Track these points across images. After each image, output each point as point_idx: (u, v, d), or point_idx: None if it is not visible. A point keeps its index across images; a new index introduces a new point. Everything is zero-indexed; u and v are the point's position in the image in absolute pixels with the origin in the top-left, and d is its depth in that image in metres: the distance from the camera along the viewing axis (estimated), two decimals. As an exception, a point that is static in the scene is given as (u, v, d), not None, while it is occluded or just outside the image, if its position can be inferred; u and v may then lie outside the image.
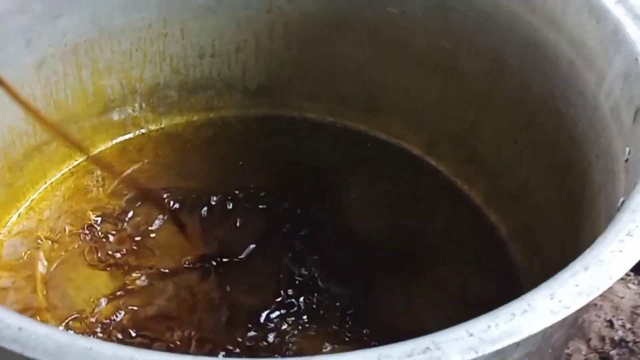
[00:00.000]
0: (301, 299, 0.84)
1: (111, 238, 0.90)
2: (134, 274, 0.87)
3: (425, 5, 0.91)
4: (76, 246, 0.89)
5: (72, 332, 0.44)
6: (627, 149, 0.64)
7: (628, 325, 0.97)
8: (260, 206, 0.94)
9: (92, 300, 0.83)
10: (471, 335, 0.43)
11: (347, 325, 0.82)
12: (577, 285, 0.46)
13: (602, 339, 0.97)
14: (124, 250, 0.89)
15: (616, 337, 0.96)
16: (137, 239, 0.90)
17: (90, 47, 0.92)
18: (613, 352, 0.94)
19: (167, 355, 0.42)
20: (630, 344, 0.94)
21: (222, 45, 0.99)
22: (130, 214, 0.93)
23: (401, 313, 0.84)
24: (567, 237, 0.78)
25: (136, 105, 1.00)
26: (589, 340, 0.95)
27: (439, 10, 0.90)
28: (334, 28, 0.97)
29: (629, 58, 0.67)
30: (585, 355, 0.94)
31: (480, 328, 0.44)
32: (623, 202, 0.57)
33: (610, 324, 0.97)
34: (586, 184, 0.74)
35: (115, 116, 0.99)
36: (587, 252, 0.49)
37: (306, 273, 0.87)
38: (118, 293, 0.85)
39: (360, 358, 0.42)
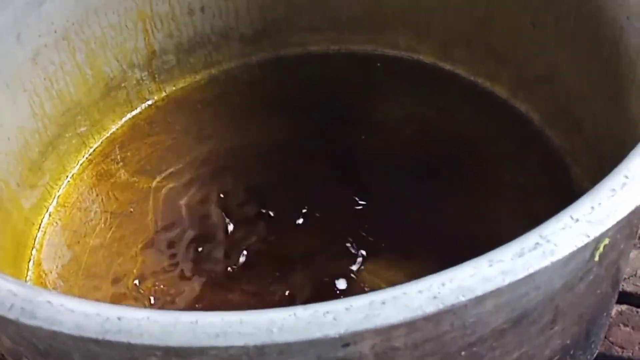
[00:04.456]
0: (363, 231, 0.83)
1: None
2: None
3: None
4: (113, 231, 0.88)
5: (170, 310, 0.43)
6: (666, 1, 0.61)
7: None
8: (293, 149, 0.92)
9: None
10: (577, 220, 0.41)
11: (416, 246, 0.81)
12: (670, 146, 0.44)
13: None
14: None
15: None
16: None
17: (79, 29, 0.88)
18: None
19: (275, 312, 0.41)
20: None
21: (210, -3, 0.96)
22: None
23: (462, 223, 0.82)
24: (610, 108, 0.76)
25: (137, 77, 0.97)
26: None
27: None
28: (320, -47, 0.94)
29: None
30: None
31: (583, 211, 0.42)
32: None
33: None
34: (621, 49, 0.72)
35: (119, 94, 0.96)
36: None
37: (362, 203, 0.85)
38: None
39: (471, 267, 0.41)
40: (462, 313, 0.44)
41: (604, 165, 0.78)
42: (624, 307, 0.75)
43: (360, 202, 0.87)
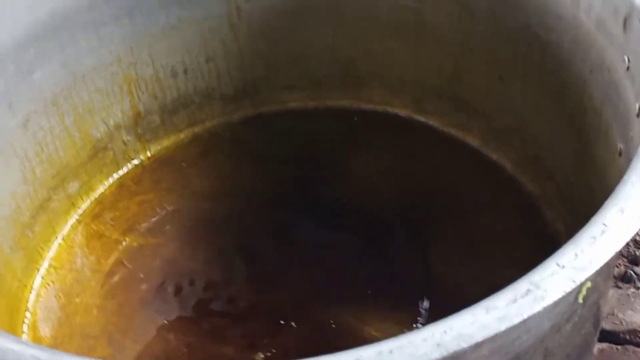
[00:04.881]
0: (349, 282, 0.86)
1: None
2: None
3: (382, -29, 0.93)
4: (106, 291, 0.90)
5: None
6: (626, 57, 0.66)
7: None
8: (277, 203, 0.95)
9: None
10: (563, 267, 0.45)
11: (401, 294, 0.84)
12: (642, 195, 0.48)
13: (623, 242, 1.00)
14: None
15: (638, 238, 0.99)
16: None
17: (68, 94, 0.91)
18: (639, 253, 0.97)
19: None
20: (653, 241, 0.98)
21: (192, 60, 0.99)
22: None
23: (443, 270, 0.86)
24: (578, 155, 0.81)
25: (123, 138, 1.00)
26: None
27: (396, -27, 0.92)
28: (296, 16, 0.98)
29: (602, -28, 0.70)
30: (612, 261, 0.98)
31: (568, 258, 0.46)
32: (640, 108, 0.60)
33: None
34: (585, 100, 0.77)
35: (106, 155, 0.99)
36: (635, 163, 0.51)
37: (346, 255, 0.88)
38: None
39: (469, 315, 0.44)
40: (461, 359, 0.47)
41: (576, 208, 0.83)
42: (604, 345, 0.79)
43: (344, 254, 0.91)
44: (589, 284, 0.52)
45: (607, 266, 0.54)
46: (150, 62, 0.97)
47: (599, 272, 0.49)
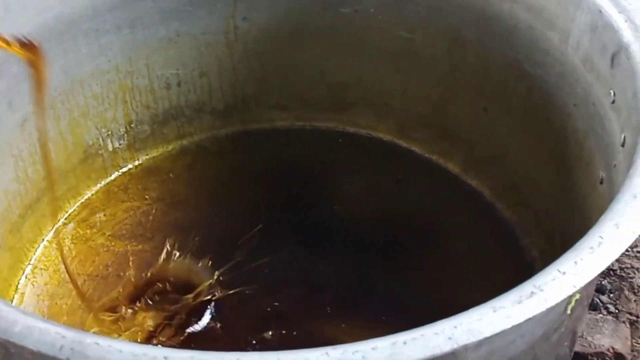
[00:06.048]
0: (329, 298, 0.88)
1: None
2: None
3: (377, 1, 0.96)
4: (90, 293, 0.90)
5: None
6: (612, 91, 0.71)
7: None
8: (259, 218, 0.97)
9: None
10: (564, 273, 0.49)
11: (379, 312, 0.87)
12: (634, 212, 0.52)
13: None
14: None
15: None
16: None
17: (65, 98, 0.93)
18: (605, 282, 1.02)
19: (308, 352, 0.46)
20: (618, 272, 1.03)
21: (186, 73, 1.02)
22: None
23: (421, 291, 0.89)
24: (557, 185, 0.86)
25: (113, 146, 1.01)
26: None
27: (391, 3, 0.96)
28: (291, 38, 1.02)
29: (593, 11, 0.75)
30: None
31: (568, 265, 0.49)
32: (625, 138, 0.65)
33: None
34: (569, 132, 0.81)
35: (95, 161, 1.00)
36: (627, 183, 0.55)
37: (325, 272, 0.91)
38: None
39: (477, 313, 0.47)
40: (462, 357, 0.50)
41: (552, 236, 0.88)
42: (575, 367, 0.83)
43: (324, 269, 0.93)
44: (577, 296, 0.56)
45: (593, 282, 0.58)
46: (146, 73, 0.99)
47: (586, 285, 0.53)
